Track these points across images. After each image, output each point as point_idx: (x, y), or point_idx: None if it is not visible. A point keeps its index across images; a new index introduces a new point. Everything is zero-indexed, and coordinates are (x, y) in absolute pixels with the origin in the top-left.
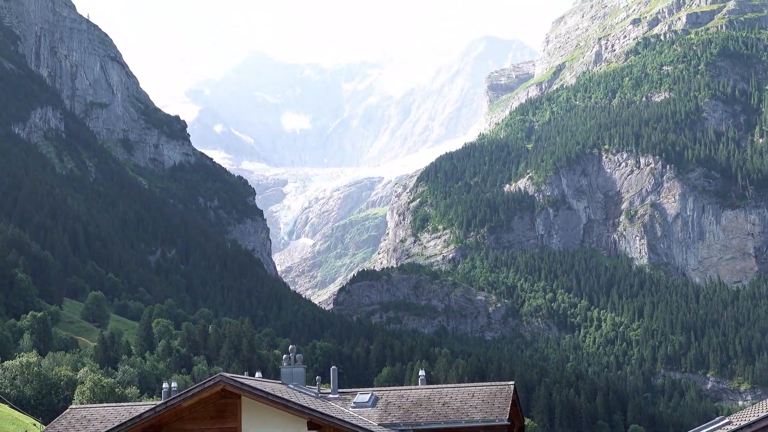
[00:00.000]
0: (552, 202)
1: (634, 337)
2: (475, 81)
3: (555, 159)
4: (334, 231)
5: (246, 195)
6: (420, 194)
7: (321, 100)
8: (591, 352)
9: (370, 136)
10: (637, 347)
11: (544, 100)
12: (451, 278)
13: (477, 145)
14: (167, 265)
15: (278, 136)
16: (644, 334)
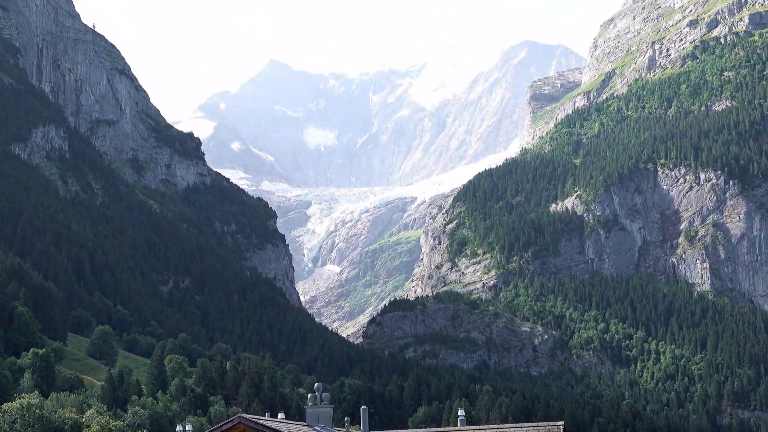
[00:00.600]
0: (603, 223)
1: (697, 372)
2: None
3: (605, 175)
4: (362, 257)
5: (266, 218)
6: (457, 215)
7: (347, 114)
8: (649, 389)
9: (401, 153)
10: (701, 383)
11: (592, 110)
12: (492, 308)
13: (519, 161)
14: (181, 296)
15: (301, 154)
16: (708, 368)
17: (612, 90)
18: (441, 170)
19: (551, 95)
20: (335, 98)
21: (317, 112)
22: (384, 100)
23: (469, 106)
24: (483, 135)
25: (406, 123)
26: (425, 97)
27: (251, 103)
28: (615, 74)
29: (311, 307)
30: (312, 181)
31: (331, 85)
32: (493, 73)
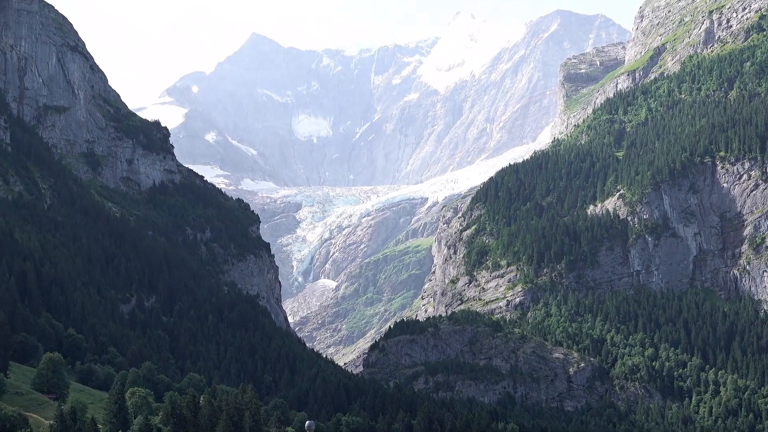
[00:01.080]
0: (651, 228)
1: (764, 406)
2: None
3: (654, 171)
4: (363, 269)
5: (248, 224)
6: (476, 220)
7: (344, 99)
8: (707, 426)
9: (409, 145)
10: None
11: (638, 93)
12: (518, 330)
13: (550, 154)
14: (145, 317)
15: (289, 146)
16: None
17: (662, 69)
18: (456, 166)
19: (589, 75)
20: (330, 80)
21: (308, 96)
22: (388, 81)
23: (490, 88)
24: (507, 123)
25: (414, 109)
26: (437, 78)
27: (229, 86)
28: (665, 50)
29: (302, 330)
30: (302, 178)
31: (325, 64)
32: (519, 49)
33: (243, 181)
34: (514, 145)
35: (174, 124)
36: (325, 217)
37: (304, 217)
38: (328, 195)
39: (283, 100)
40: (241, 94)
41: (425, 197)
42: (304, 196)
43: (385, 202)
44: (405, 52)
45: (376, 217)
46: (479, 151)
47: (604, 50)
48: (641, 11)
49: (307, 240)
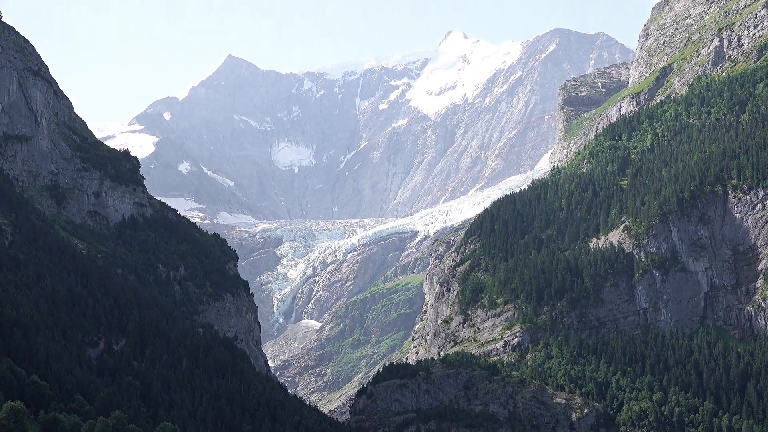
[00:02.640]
0: (659, 263)
1: None
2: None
3: (661, 201)
4: (349, 309)
5: (224, 260)
6: (470, 255)
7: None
8: None
9: (398, 174)
10: None
11: (643, 117)
12: (516, 373)
13: (549, 184)
14: (114, 362)
15: (268, 177)
16: None
17: (669, 91)
18: (449, 196)
19: (590, 98)
20: (312, 105)
21: (289, 122)
22: (375, 106)
23: (484, 113)
24: (503, 150)
25: (403, 136)
26: (428, 102)
27: (204, 112)
28: (672, 71)
29: (283, 375)
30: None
31: (306, 88)
32: (515, 71)
33: (219, 214)
34: (511, 174)
35: (144, 153)
36: (308, 252)
37: (285, 252)
38: (310, 229)
39: (261, 127)
40: (217, 120)
41: (415, 231)
42: (285, 230)
43: (372, 236)
44: (392, 74)
45: (362, 252)
46: (473, 180)
47: (606, 71)
48: (645, 30)
49: (288, 277)
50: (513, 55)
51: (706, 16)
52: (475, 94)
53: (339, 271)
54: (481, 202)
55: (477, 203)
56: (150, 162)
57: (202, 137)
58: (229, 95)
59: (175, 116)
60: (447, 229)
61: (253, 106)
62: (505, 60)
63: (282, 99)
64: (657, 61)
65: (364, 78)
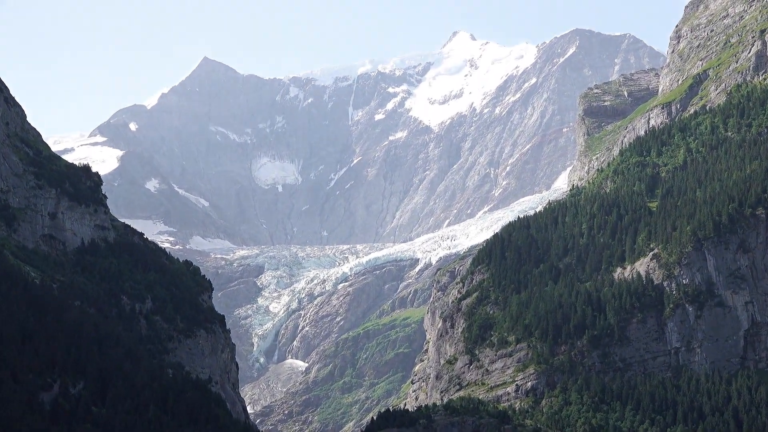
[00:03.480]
0: (692, 296)
1: None
2: (562, 102)
3: (695, 226)
4: (339, 348)
5: (198, 291)
6: (478, 286)
7: (316, 138)
8: None
9: (396, 194)
10: None
11: (675, 130)
12: (530, 421)
13: (568, 206)
14: (71, 407)
15: (248, 196)
16: None
17: (703, 101)
18: (454, 219)
19: (614, 109)
20: (298, 115)
21: (272, 135)
22: (370, 116)
23: (494, 125)
24: (515, 167)
25: (402, 150)
26: (430, 112)
27: (175, 122)
28: (707, 78)
29: (264, 422)
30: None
31: (292, 95)
32: (529, 77)
33: (192, 238)
34: (524, 194)
35: (107, 169)
36: (293, 283)
37: (266, 283)
38: (296, 256)
39: (241, 140)
40: (190, 132)
41: (415, 258)
42: (267, 257)
43: (366, 264)
44: (390, 80)
45: (355, 282)
46: (481, 201)
47: (632, 78)
48: (678, 31)
49: (270, 311)
50: (527, 59)
51: (747, 15)
52: (484, 103)
53: (328, 304)
54: (491, 225)
55: (485, 227)
56: (113, 179)
57: (173, 151)
58: (204, 103)
59: (143, 127)
60: (451, 257)
61: (231, 115)
62: (518, 64)
63: (264, 108)
64: (690, 66)
65: (358, 84)
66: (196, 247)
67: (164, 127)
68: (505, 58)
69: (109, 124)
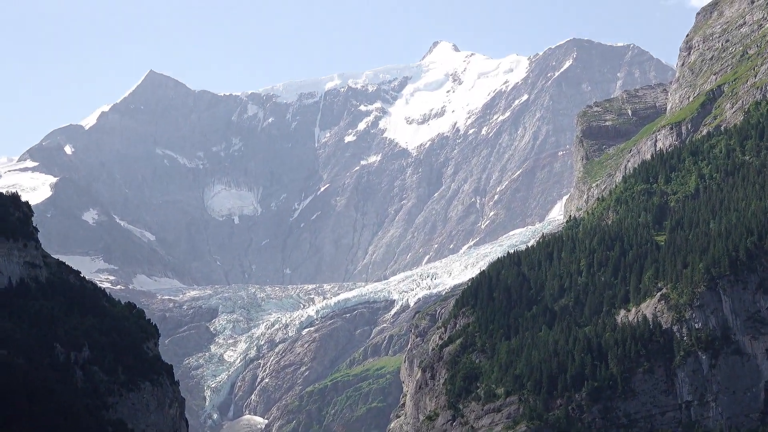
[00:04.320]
0: (706, 342)
1: None
2: (558, 122)
3: (709, 262)
4: (304, 402)
5: (142, 338)
6: (462, 331)
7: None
8: None
9: (369, 226)
10: None
11: (685, 154)
12: None
13: (565, 239)
14: None
15: (201, 229)
16: None
17: (718, 120)
18: (435, 255)
19: (617, 129)
20: (258, 136)
21: (228, 159)
22: (339, 138)
23: (480, 147)
24: (504, 196)
25: (376, 177)
26: (407, 133)
27: (117, 145)
28: (722, 94)
29: None
30: (219, 274)
31: (250, 114)
32: (520, 93)
33: (136, 277)
34: (515, 227)
35: (39, 198)
36: (251, 328)
37: (221, 328)
38: (254, 297)
39: (192, 165)
40: (134, 156)
41: (391, 299)
42: (222, 298)
43: (335, 306)
44: (362, 97)
45: (322, 327)
46: (466, 234)
47: (637, 94)
48: (688, 41)
49: (225, 360)
50: (518, 72)
51: (766, 23)
52: (469, 123)
53: (291, 352)
54: (477, 262)
55: (471, 264)
56: (46, 209)
57: (115, 177)
58: (150, 123)
59: (80, 150)
60: (432, 298)
61: (180, 137)
62: (508, 79)
63: (219, 128)
64: (703, 81)
65: (326, 102)
66: (141, 287)
67: (104, 150)
68: (492, 72)
69: (41, 146)
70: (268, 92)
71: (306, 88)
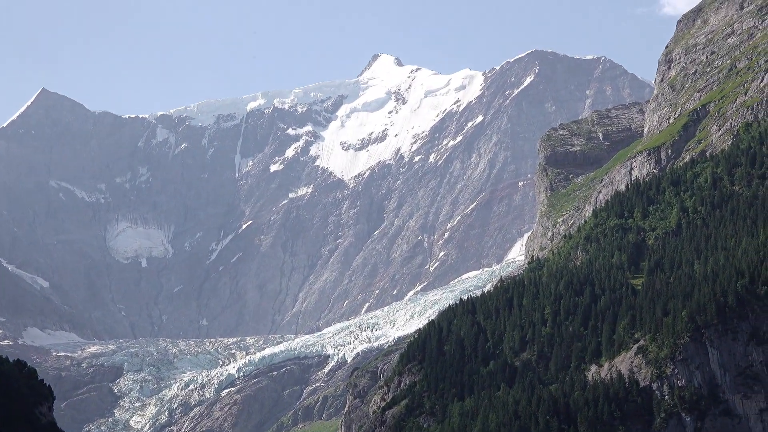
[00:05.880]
0: (690, 402)
1: None
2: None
3: (693, 309)
4: None
5: (34, 401)
6: (408, 390)
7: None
8: None
9: (300, 269)
10: None
11: (665, 184)
12: None
13: (526, 283)
14: None
15: (102, 274)
16: None
17: (702, 144)
18: (376, 302)
19: (585, 155)
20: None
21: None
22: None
23: (428, 177)
24: (456, 234)
25: (307, 212)
26: (343, 160)
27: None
28: (707, 114)
29: None
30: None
31: (160, 139)
32: (474, 114)
33: (26, 330)
34: (468, 269)
35: None
36: (162, 388)
37: (126, 389)
38: (165, 353)
39: (91, 198)
40: (23, 188)
41: (325, 354)
42: (127, 354)
43: (260, 363)
44: (291, 119)
45: (245, 387)
46: (412, 278)
47: (609, 115)
48: (668, 53)
49: (131, 427)
50: (471, 90)
51: (758, 33)
52: (415, 149)
53: (209, 416)
54: (424, 311)
55: (417, 313)
56: None
57: (1, 214)
58: (43, 150)
59: None
60: (372, 352)
61: (78, 166)
62: (459, 97)
63: (123, 156)
64: (685, 99)
65: (248, 125)
66: (32, 341)
67: None
68: (441, 90)
69: None
70: (180, 114)
71: (225, 109)
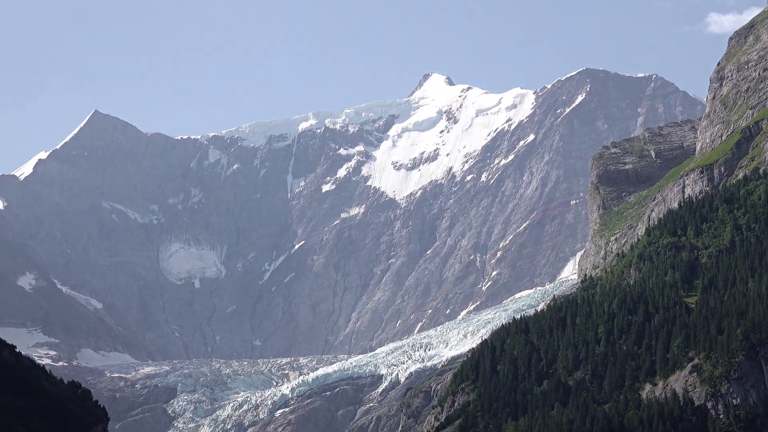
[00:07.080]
0: (746, 421)
1: None
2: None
3: (748, 327)
4: None
5: (89, 423)
6: (462, 410)
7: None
8: None
9: (353, 289)
10: None
11: (718, 202)
12: None
13: (579, 302)
14: None
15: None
16: None
17: (756, 162)
18: (429, 322)
19: (638, 173)
20: (221, 186)
21: (186, 212)
22: (316, 187)
23: (480, 196)
24: (508, 253)
25: (359, 232)
26: (395, 180)
27: (56, 197)
28: (760, 131)
29: None
30: (178, 347)
31: (212, 160)
32: (525, 133)
33: (80, 352)
34: (521, 288)
35: None
36: (216, 409)
37: (180, 410)
38: (219, 374)
39: (144, 220)
40: (77, 210)
41: (378, 374)
42: (181, 375)
43: (314, 383)
44: (342, 139)
45: (298, 408)
46: (465, 297)
47: (662, 133)
48: (720, 70)
49: None
50: (522, 109)
51: None
52: (466, 168)
53: None
54: (477, 330)
55: (470, 332)
56: None
57: (54, 235)
58: (96, 172)
59: (13, 204)
60: (426, 372)
61: (131, 187)
62: (511, 116)
63: (175, 177)
64: (738, 117)
65: (299, 145)
66: (86, 363)
67: (42, 204)
68: (492, 108)
69: None
70: (232, 135)
71: (276, 129)
